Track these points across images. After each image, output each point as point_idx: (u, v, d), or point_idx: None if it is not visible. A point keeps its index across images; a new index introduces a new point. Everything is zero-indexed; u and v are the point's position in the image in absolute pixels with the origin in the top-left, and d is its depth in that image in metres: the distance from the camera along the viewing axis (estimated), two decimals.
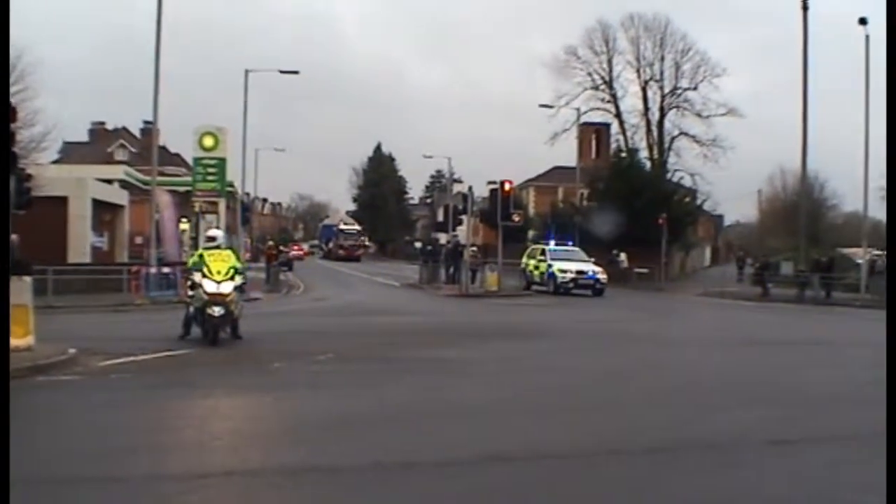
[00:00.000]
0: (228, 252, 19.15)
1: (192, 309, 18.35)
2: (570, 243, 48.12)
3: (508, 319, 28.97)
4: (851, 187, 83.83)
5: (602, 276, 43.41)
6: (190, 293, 18.72)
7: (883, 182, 69.79)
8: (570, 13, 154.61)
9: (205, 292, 17.76)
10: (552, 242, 47.68)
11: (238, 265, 18.85)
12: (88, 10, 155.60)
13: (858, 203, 48.63)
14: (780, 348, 21.92)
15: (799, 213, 51.84)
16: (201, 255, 18.60)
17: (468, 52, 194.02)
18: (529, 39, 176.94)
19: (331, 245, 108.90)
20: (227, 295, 17.90)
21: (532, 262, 46.19)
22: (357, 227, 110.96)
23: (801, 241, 49.14)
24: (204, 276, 17.94)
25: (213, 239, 19.30)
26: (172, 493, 7.49)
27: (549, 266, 43.63)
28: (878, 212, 69.80)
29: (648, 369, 17.03)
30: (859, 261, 46.77)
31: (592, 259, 45.67)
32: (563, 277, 42.51)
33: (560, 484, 8.15)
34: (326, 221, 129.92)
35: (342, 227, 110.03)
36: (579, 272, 42.96)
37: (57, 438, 8.90)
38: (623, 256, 53.54)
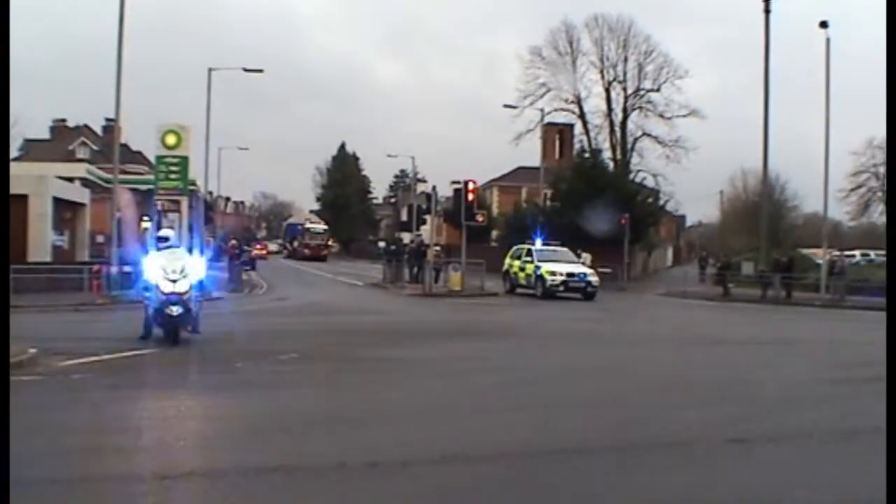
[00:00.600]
0: (182, 250, 19.28)
1: (150, 310, 18.26)
2: (548, 241, 45.48)
3: (471, 319, 29.03)
4: (812, 189, 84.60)
5: (594, 279, 40.96)
6: (146, 294, 18.64)
7: (843, 184, 70.66)
8: (534, 14, 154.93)
9: (161, 292, 17.74)
10: (538, 242, 44.89)
11: (192, 262, 18.70)
12: (49, 4, 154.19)
13: (819, 204, 49.10)
14: (741, 347, 22.10)
15: (760, 214, 52.31)
16: (155, 257, 18.47)
17: (432, 51, 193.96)
18: (494, 39, 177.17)
19: (295, 244, 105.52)
20: (183, 293, 17.91)
21: (517, 263, 43.51)
22: (323, 225, 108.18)
23: (762, 242, 49.56)
24: (163, 276, 17.91)
25: (165, 239, 19.21)
26: (134, 494, 7.46)
27: (537, 268, 40.92)
28: (838, 213, 70.66)
29: (609, 368, 17.14)
30: (819, 261, 47.19)
31: (581, 260, 44.39)
32: (553, 280, 39.95)
33: (521, 483, 8.19)
34: (291, 220, 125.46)
35: (308, 225, 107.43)
36: (570, 274, 40.45)
37: (16, 439, 8.84)
38: (585, 256, 53.66)
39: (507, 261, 44.99)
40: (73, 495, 7.49)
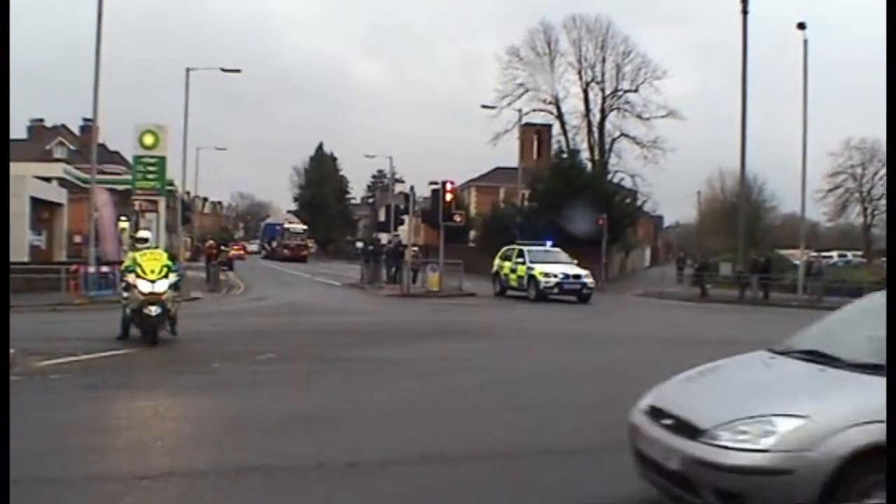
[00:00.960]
0: (161, 251, 19.60)
1: (128, 310, 18.43)
2: (550, 243, 43.20)
3: (449, 319, 28.97)
4: (790, 189, 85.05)
5: (589, 280, 38.93)
6: (125, 295, 18.86)
7: (820, 184, 71.03)
8: (513, 14, 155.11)
9: (140, 292, 17.90)
10: (548, 243, 42.79)
11: (171, 264, 19.12)
12: (25, 3, 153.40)
13: (796, 205, 49.33)
14: (720, 347, 22.06)
15: (738, 215, 52.49)
16: (133, 258, 18.71)
17: (411, 51, 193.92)
18: (472, 39, 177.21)
19: (274, 244, 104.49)
20: (161, 293, 18.10)
21: (507, 264, 41.12)
22: (303, 226, 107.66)
23: (739, 243, 49.74)
24: (138, 276, 18.14)
25: (144, 240, 19.67)
26: (112, 494, 7.46)
27: (530, 269, 38.81)
28: (815, 214, 71.04)
29: (588, 369, 17.13)
30: (796, 262, 47.38)
31: (575, 260, 41.87)
32: (547, 282, 37.83)
33: (500, 483, 8.22)
34: (269, 220, 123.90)
35: (287, 225, 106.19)
36: (564, 276, 38.19)
37: None
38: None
39: (497, 262, 42.77)
40: (50, 495, 7.47)
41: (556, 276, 38.15)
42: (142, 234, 20.69)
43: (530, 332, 24.97)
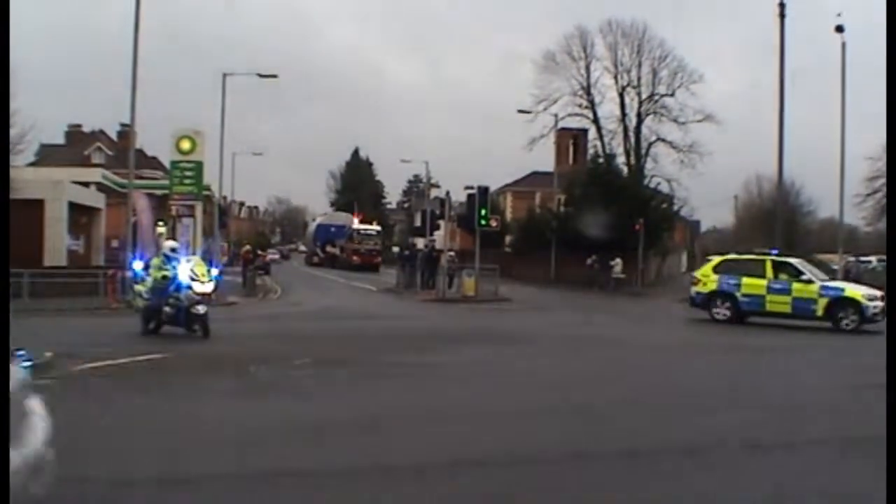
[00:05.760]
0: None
1: (176, 309, 20.00)
2: (776, 252, 33.59)
3: (484, 324, 28.90)
4: (827, 193, 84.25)
5: (882, 304, 28.73)
6: (142, 292, 21.00)
7: (859, 189, 70.34)
8: (550, 17, 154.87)
9: (193, 293, 20.01)
10: (773, 252, 33.15)
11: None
12: (65, 9, 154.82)
13: (834, 209, 49.00)
14: (756, 354, 21.97)
15: (775, 219, 52.08)
16: (184, 262, 20.81)
17: (447, 56, 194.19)
18: (509, 43, 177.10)
19: (332, 249, 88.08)
20: (210, 294, 20.92)
21: (755, 281, 30.61)
22: (376, 227, 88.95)
23: (777, 247, 49.32)
24: (193, 279, 20.28)
25: (174, 251, 21.21)
26: (145, 498, 7.48)
27: (831, 290, 29.50)
28: (854, 218, 70.43)
29: (625, 374, 17.07)
30: (834, 266, 46.94)
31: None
32: (875, 307, 28.49)
33: (536, 489, 8.17)
34: (321, 220, 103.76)
35: (357, 225, 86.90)
36: (878, 297, 28.86)
37: None
38: (617, 261, 52.47)
39: (718, 277, 31.88)
40: (81, 497, 7.47)
41: (877, 297, 28.96)
42: (170, 244, 21.99)
43: (566, 337, 24.65)
